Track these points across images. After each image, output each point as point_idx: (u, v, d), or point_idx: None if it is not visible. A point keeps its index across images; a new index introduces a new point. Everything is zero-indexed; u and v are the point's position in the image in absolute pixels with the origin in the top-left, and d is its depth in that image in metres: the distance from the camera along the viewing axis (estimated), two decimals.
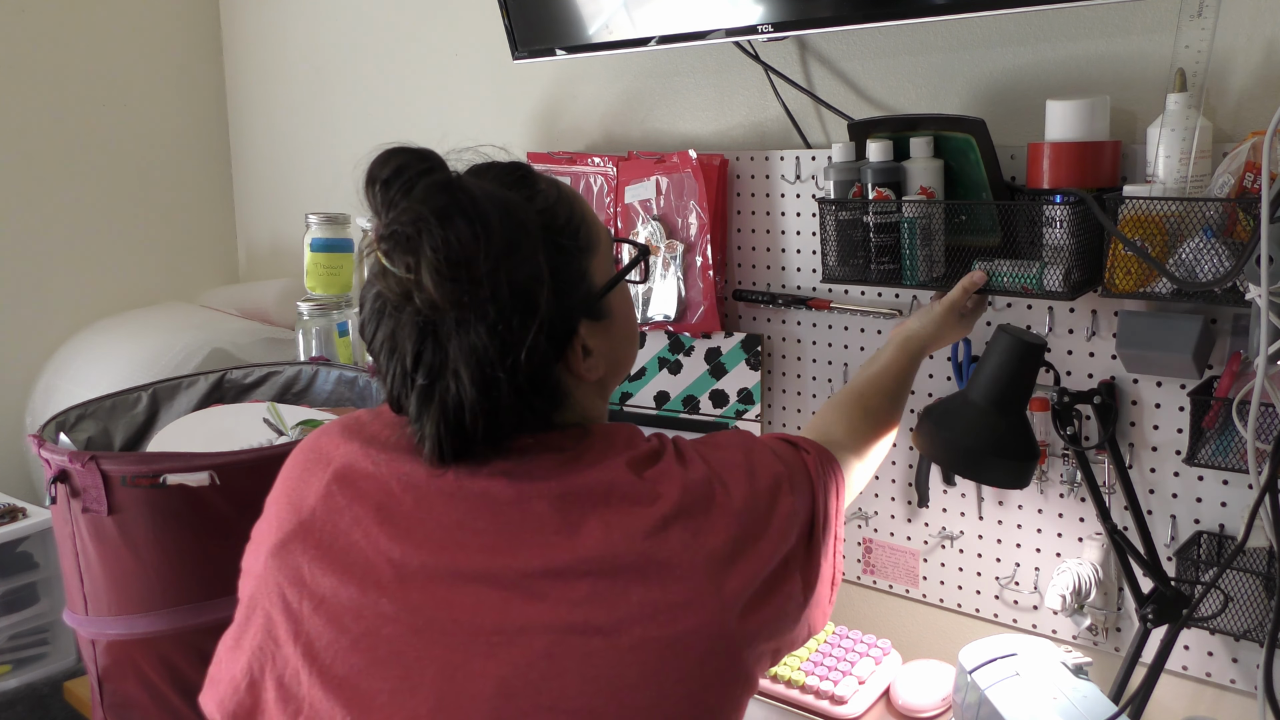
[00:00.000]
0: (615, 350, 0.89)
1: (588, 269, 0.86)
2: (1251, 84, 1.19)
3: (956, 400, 1.19)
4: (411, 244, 0.74)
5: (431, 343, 0.78)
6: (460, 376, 0.78)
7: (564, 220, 0.84)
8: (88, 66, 2.39)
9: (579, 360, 0.84)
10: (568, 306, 0.82)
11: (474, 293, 0.75)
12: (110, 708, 1.39)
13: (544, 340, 0.80)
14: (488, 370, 0.78)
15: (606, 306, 0.87)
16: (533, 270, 0.79)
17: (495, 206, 0.77)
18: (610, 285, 0.88)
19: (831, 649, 1.49)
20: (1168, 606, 1.22)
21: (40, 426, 1.48)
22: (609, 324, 0.87)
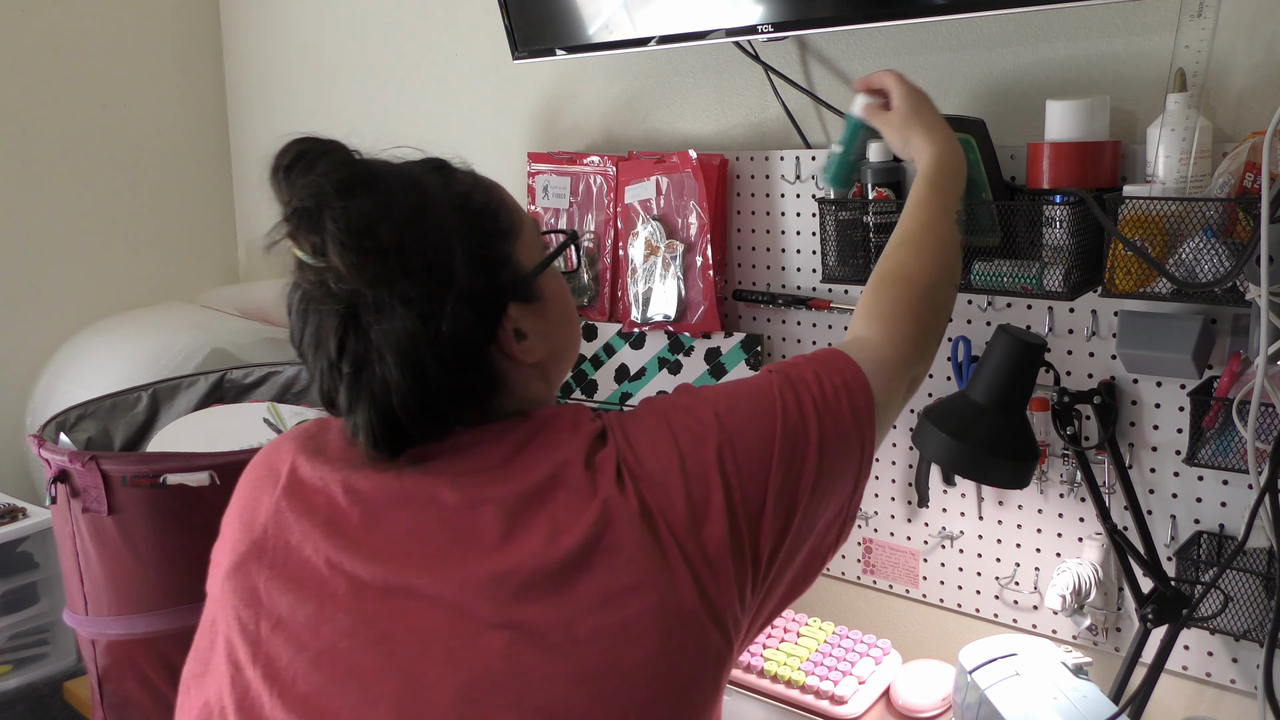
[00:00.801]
0: (553, 333, 0.88)
1: (512, 252, 0.85)
2: (1251, 84, 1.19)
3: (956, 400, 1.19)
4: (314, 219, 0.75)
5: (354, 330, 0.78)
6: (385, 360, 0.78)
7: (481, 204, 0.85)
8: (88, 66, 2.39)
9: (512, 343, 0.84)
10: (493, 286, 0.82)
11: (383, 264, 0.75)
12: (110, 708, 1.39)
13: (468, 315, 0.79)
14: (412, 350, 0.77)
15: (538, 289, 0.87)
16: (442, 239, 0.79)
17: (397, 177, 0.78)
18: (540, 267, 0.88)
19: (831, 649, 1.49)
20: (1168, 606, 1.22)
21: (40, 426, 1.48)
22: (542, 306, 0.87)
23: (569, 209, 1.80)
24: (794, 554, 0.86)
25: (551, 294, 0.89)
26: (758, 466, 0.82)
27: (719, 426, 0.82)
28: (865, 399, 0.89)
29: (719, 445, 0.81)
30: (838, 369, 0.90)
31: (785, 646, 1.51)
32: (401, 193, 0.78)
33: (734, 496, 0.80)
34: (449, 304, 0.78)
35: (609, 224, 1.74)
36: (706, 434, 0.82)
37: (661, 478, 0.79)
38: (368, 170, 0.78)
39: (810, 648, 1.50)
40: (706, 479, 0.80)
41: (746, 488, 0.81)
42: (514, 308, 0.84)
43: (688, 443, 0.81)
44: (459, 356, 0.79)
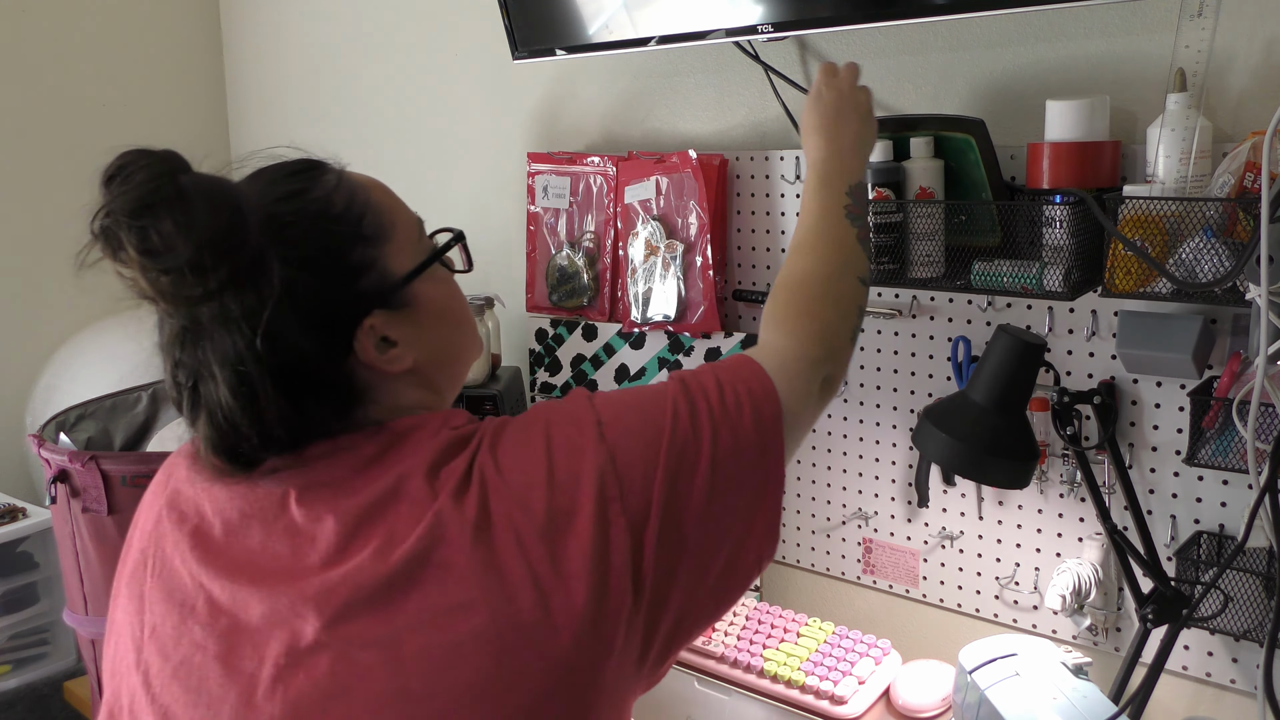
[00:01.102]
0: (430, 340, 0.85)
1: (377, 257, 0.82)
2: (1251, 84, 1.19)
3: (956, 400, 1.20)
4: (114, 241, 0.75)
5: (190, 344, 0.78)
6: (215, 379, 0.76)
7: (341, 208, 0.82)
8: (88, 66, 2.39)
9: (372, 352, 0.80)
10: (345, 296, 0.79)
11: (185, 285, 0.73)
12: None
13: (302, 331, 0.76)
14: (239, 371, 0.75)
15: (409, 295, 0.83)
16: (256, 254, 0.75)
17: (204, 195, 0.74)
18: (413, 274, 0.84)
19: (831, 649, 1.49)
20: (1168, 606, 1.22)
21: (40, 426, 1.48)
22: (413, 313, 0.84)
23: (569, 209, 1.80)
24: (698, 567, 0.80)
25: (429, 298, 0.85)
26: (640, 477, 0.78)
27: (599, 437, 0.79)
28: (771, 407, 0.86)
29: (597, 457, 0.77)
30: (743, 376, 0.87)
31: (785, 646, 1.51)
32: (207, 209, 0.73)
33: (610, 508, 0.76)
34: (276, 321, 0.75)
35: (609, 224, 1.74)
36: (585, 445, 0.78)
37: (521, 487, 0.76)
38: (173, 188, 0.73)
39: (810, 648, 1.50)
40: (576, 490, 0.76)
41: (628, 498, 0.77)
42: (378, 315, 0.81)
43: (563, 453, 0.78)
44: (295, 375, 0.77)
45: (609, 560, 0.75)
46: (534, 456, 0.78)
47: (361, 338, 0.80)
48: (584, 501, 0.75)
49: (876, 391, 1.54)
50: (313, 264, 0.78)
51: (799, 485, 1.65)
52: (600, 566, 0.74)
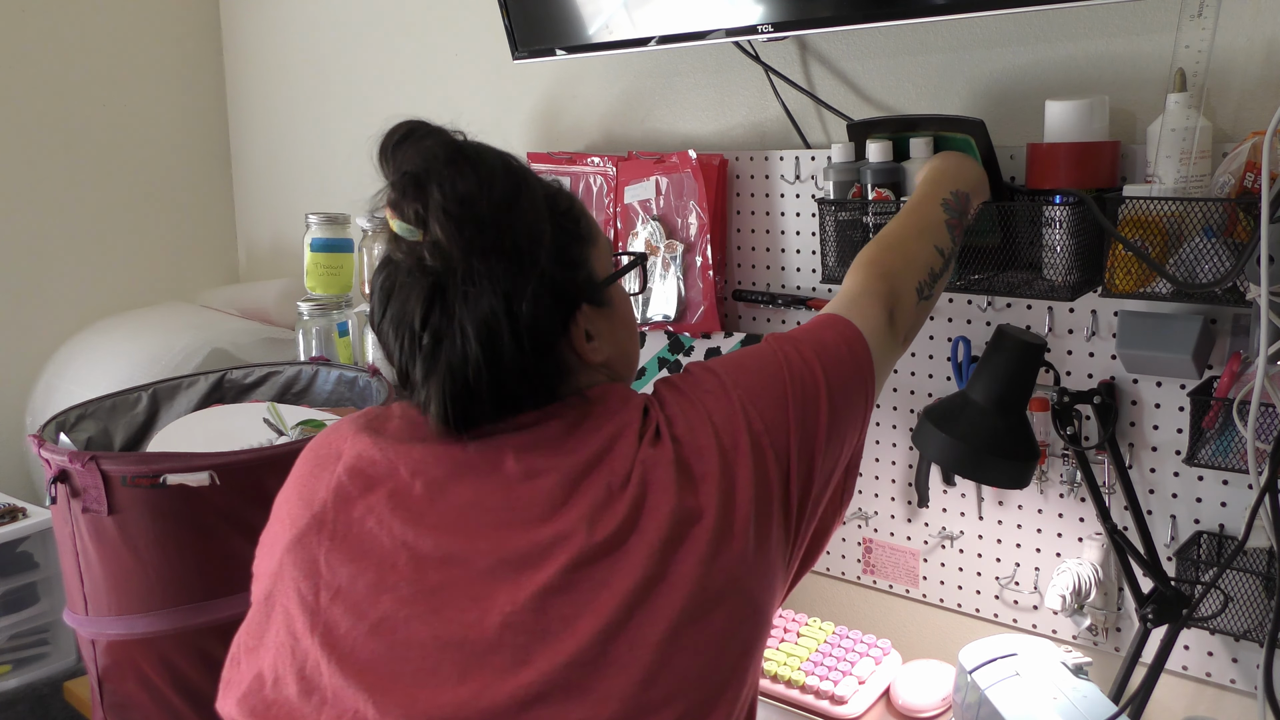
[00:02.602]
0: (619, 339, 0.93)
1: (588, 256, 0.90)
2: (1251, 84, 1.19)
3: (956, 400, 1.19)
4: (420, 186, 0.79)
5: (439, 304, 0.82)
6: (466, 333, 0.81)
7: (565, 206, 0.89)
8: (88, 66, 2.39)
9: (582, 340, 0.88)
10: (571, 282, 0.87)
11: (479, 237, 0.80)
12: (110, 708, 1.39)
13: (548, 303, 0.84)
14: (493, 327, 0.81)
15: (608, 296, 0.92)
16: (535, 223, 0.84)
17: (500, 161, 0.83)
18: (612, 278, 0.92)
19: (831, 649, 1.49)
20: (1168, 606, 1.22)
21: (40, 426, 1.48)
22: (610, 313, 0.92)
23: None
24: (819, 501, 0.91)
25: (619, 304, 0.94)
26: (777, 415, 0.88)
27: (733, 384, 0.89)
28: (858, 340, 0.97)
29: (740, 400, 0.87)
30: (825, 324, 0.99)
31: (785, 646, 1.51)
32: (503, 174, 0.83)
33: (761, 442, 0.86)
34: (531, 288, 0.82)
35: (609, 224, 1.74)
36: (725, 393, 0.88)
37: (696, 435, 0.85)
38: (474, 149, 0.82)
39: (810, 648, 1.50)
40: (734, 429, 0.86)
41: (773, 434, 0.87)
42: (586, 308, 0.88)
43: (712, 403, 0.87)
44: (535, 340, 0.83)
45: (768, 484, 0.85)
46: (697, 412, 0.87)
47: (576, 324, 0.88)
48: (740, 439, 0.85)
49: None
50: (558, 249, 0.86)
51: None
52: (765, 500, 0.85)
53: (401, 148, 0.83)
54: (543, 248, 0.84)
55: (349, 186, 2.32)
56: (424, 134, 0.83)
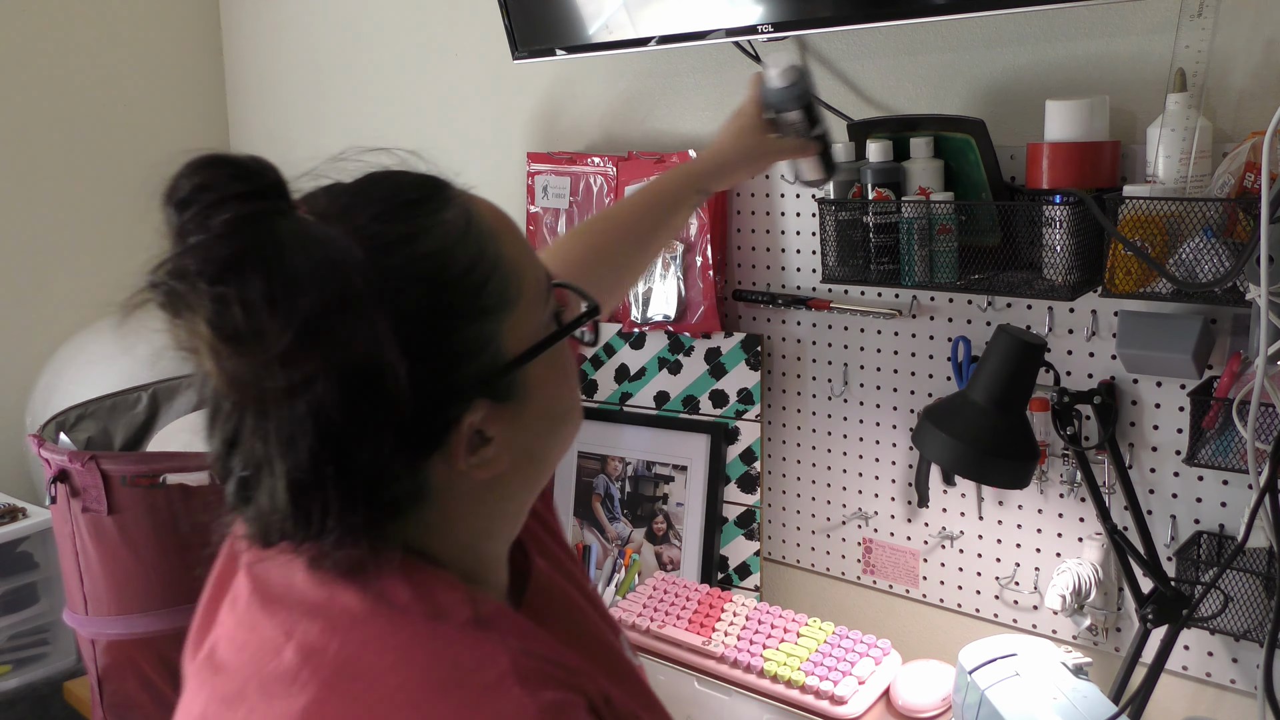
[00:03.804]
0: (527, 441, 0.66)
1: (494, 333, 0.63)
2: (1251, 84, 1.19)
3: (956, 400, 1.20)
4: (179, 304, 0.56)
5: (251, 425, 0.59)
6: (275, 478, 0.59)
7: (462, 269, 0.62)
8: (88, 66, 2.39)
9: (462, 452, 0.62)
10: (451, 384, 0.61)
11: (268, 380, 0.55)
12: (110, 707, 1.39)
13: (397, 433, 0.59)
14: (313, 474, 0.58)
15: (519, 382, 0.65)
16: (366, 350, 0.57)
17: (312, 260, 0.56)
18: (525, 357, 0.65)
19: (831, 649, 1.49)
20: (1168, 606, 1.22)
21: (40, 426, 1.48)
22: (520, 406, 0.65)
23: (569, 209, 1.80)
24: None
25: (538, 389, 0.66)
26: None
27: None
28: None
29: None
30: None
31: (785, 646, 1.51)
32: (313, 279, 0.55)
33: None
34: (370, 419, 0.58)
35: None
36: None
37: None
38: (272, 241, 0.55)
39: (810, 648, 1.50)
40: None
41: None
42: (482, 406, 0.62)
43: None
44: (373, 484, 0.60)
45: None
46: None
47: (456, 437, 0.62)
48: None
49: (876, 391, 1.54)
50: (415, 343, 0.59)
51: (799, 485, 1.65)
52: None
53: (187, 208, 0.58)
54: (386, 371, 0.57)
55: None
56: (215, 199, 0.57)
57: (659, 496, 1.74)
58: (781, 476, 1.67)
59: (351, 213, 0.62)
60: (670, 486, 1.73)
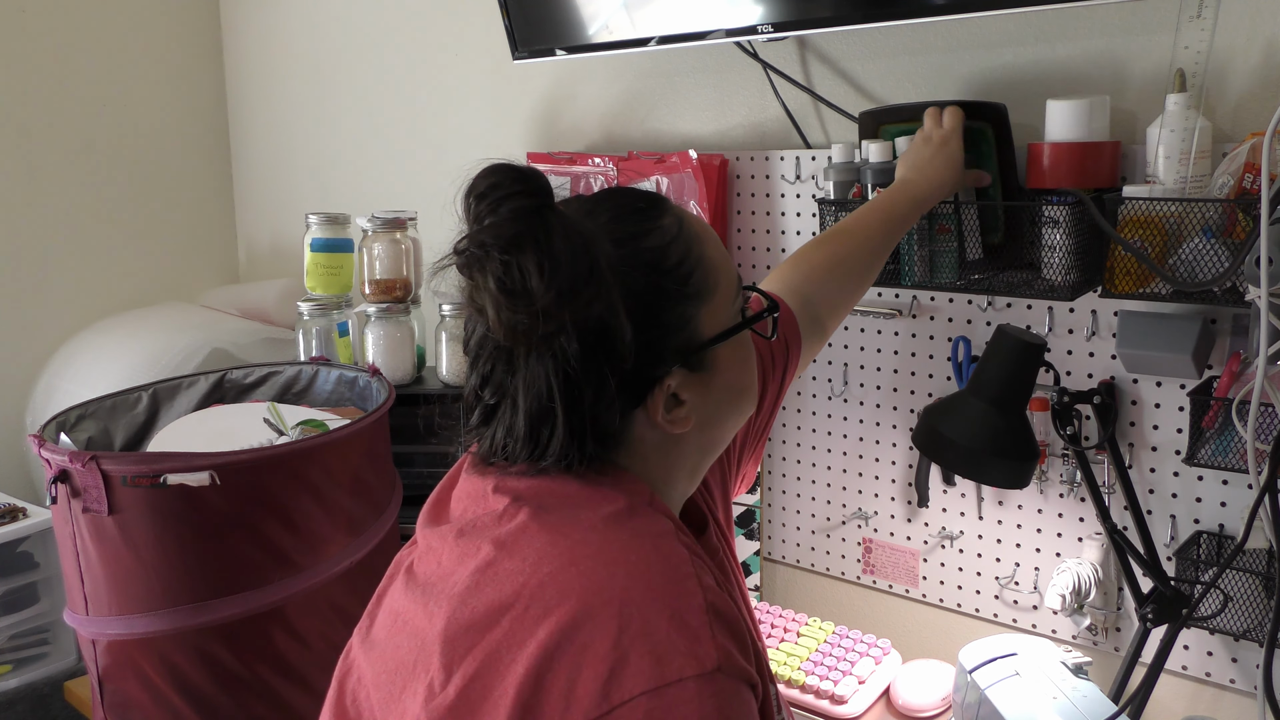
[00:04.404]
0: (711, 409, 0.83)
1: (694, 315, 0.80)
2: (1251, 84, 1.19)
3: (956, 400, 1.20)
4: (476, 266, 0.74)
5: (504, 365, 0.78)
6: (518, 408, 0.77)
7: (675, 261, 0.80)
8: (88, 66, 2.39)
9: (659, 409, 0.79)
10: (659, 351, 0.78)
11: (533, 328, 0.73)
12: (110, 708, 1.39)
13: (617, 383, 0.76)
14: (545, 407, 0.76)
15: (710, 359, 0.82)
16: (603, 313, 0.75)
17: (569, 241, 0.74)
18: (716, 339, 0.82)
19: (831, 649, 1.49)
20: (1167, 606, 1.22)
21: (40, 426, 1.48)
22: (709, 377, 0.82)
23: None
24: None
25: (724, 368, 0.83)
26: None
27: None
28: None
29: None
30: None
31: (785, 646, 1.51)
32: (569, 254, 0.73)
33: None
34: (598, 370, 0.75)
35: None
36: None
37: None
38: (544, 227, 0.74)
39: (810, 648, 1.50)
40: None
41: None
42: (677, 373, 0.79)
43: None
44: (592, 422, 0.77)
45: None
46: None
47: (657, 395, 0.79)
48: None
49: (876, 391, 1.54)
50: (634, 315, 0.77)
51: (799, 485, 1.65)
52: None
53: (483, 201, 0.75)
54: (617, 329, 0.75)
55: (349, 186, 2.32)
56: (504, 195, 0.75)
57: None
58: (781, 476, 1.67)
59: (596, 214, 0.80)
60: None
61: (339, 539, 1.41)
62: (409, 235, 1.81)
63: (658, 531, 0.76)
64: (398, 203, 2.18)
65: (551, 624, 0.69)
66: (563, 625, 0.69)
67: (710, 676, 0.67)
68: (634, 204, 0.82)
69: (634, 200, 0.82)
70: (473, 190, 0.76)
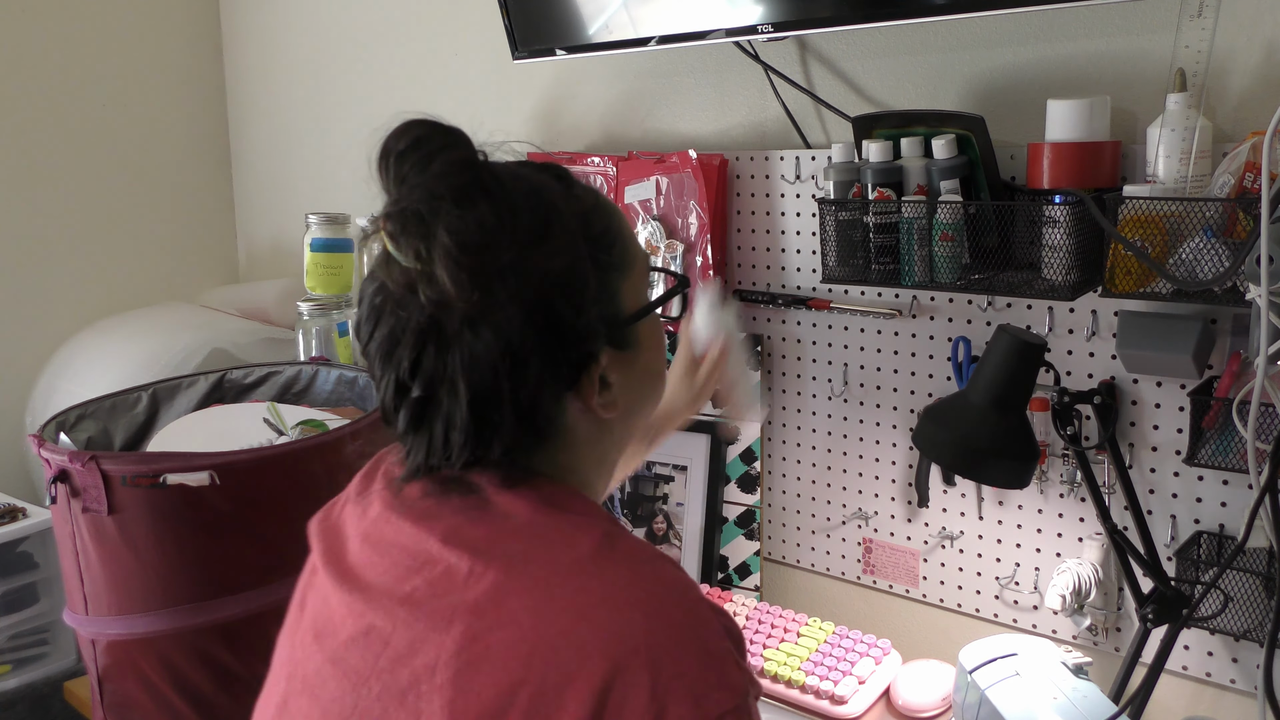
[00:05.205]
0: (635, 390, 0.78)
1: (618, 289, 0.76)
2: (1251, 84, 1.19)
3: (956, 400, 1.20)
4: (423, 226, 0.66)
5: (434, 348, 0.69)
6: (458, 391, 0.69)
7: (599, 229, 0.75)
8: (88, 66, 2.39)
9: (593, 392, 0.74)
10: (592, 325, 0.73)
11: (492, 288, 0.66)
12: (110, 708, 1.39)
13: (561, 355, 0.71)
14: (492, 386, 0.68)
15: (634, 336, 0.77)
16: (565, 267, 0.70)
17: (524, 189, 0.69)
18: (643, 312, 0.77)
19: (831, 649, 1.49)
20: (1168, 606, 1.22)
21: (40, 426, 1.48)
22: (633, 356, 0.77)
23: None
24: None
25: (646, 345, 0.79)
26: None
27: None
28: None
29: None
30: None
31: (785, 646, 1.51)
32: (527, 206, 0.68)
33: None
34: (543, 343, 0.69)
35: None
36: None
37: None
38: (491, 175, 0.68)
39: (810, 648, 1.50)
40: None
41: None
42: (606, 353, 0.74)
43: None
44: (535, 402, 0.71)
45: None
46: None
47: (592, 375, 0.73)
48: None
49: (876, 391, 1.54)
50: (566, 282, 0.71)
51: (799, 485, 1.65)
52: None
53: (406, 159, 0.68)
54: (572, 296, 0.70)
55: (349, 186, 2.32)
56: (434, 148, 0.68)
57: (659, 496, 1.74)
58: (781, 476, 1.67)
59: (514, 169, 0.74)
60: (670, 486, 1.73)
61: None
62: None
63: (647, 555, 0.70)
64: None
65: (582, 690, 0.62)
66: (595, 689, 0.62)
67: (744, 704, 0.65)
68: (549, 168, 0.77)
69: (545, 167, 0.77)
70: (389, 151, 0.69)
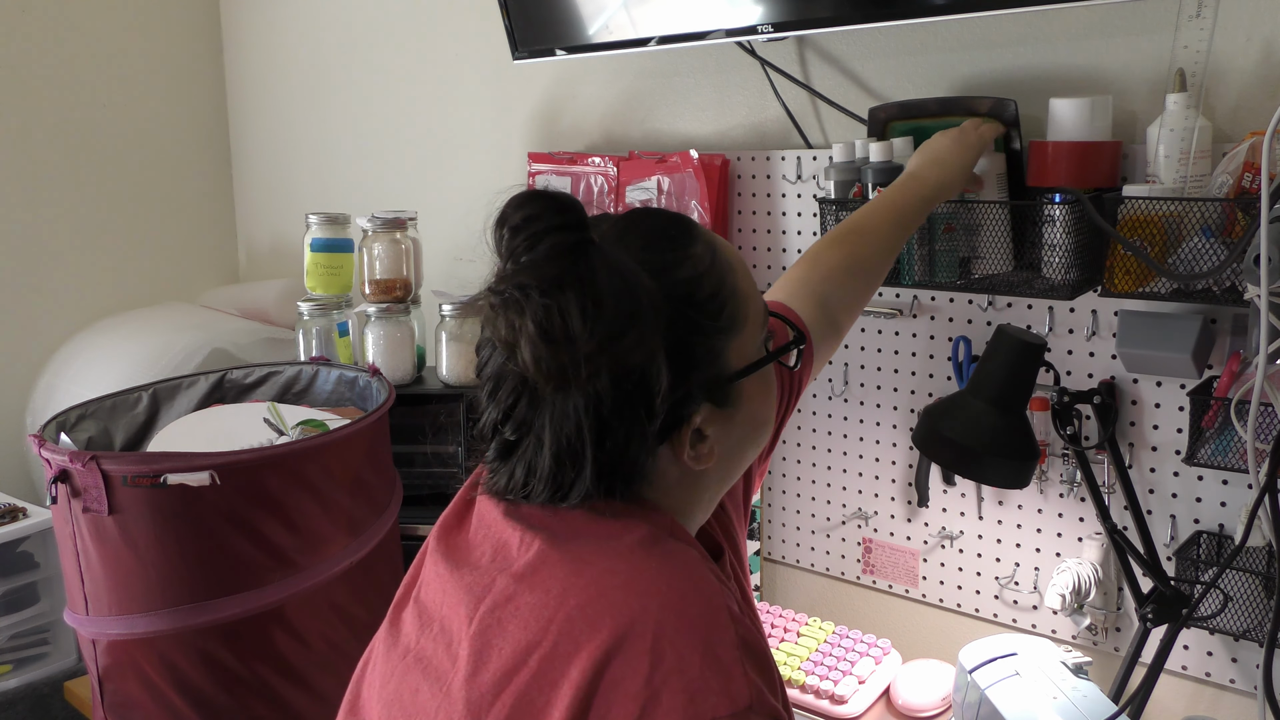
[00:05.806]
0: (732, 445, 0.80)
1: (723, 350, 0.77)
2: (1251, 84, 1.19)
3: (956, 400, 1.20)
4: (514, 309, 0.69)
5: (527, 400, 0.73)
6: (542, 446, 0.73)
7: (708, 293, 0.76)
8: (88, 66, 2.39)
9: (685, 446, 0.76)
10: (689, 388, 0.75)
11: (572, 373, 0.69)
12: (111, 708, 1.39)
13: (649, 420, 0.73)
14: (573, 447, 0.72)
15: (736, 393, 0.78)
16: (644, 357, 0.72)
17: (615, 283, 0.70)
18: (748, 370, 0.79)
19: (831, 649, 1.49)
20: (1167, 606, 1.22)
21: (41, 426, 1.48)
22: (733, 413, 0.78)
23: None
24: None
25: (748, 402, 0.80)
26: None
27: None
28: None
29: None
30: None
31: (785, 646, 1.51)
32: (613, 302, 0.70)
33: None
34: (631, 410, 0.72)
35: None
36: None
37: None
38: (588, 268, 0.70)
39: (810, 647, 1.50)
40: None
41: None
42: (704, 409, 0.76)
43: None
44: (620, 459, 0.74)
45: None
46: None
47: (684, 432, 0.76)
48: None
49: (876, 391, 1.54)
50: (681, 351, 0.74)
51: (799, 485, 1.65)
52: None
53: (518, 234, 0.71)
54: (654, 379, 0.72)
55: (349, 186, 2.32)
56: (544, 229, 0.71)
57: None
58: (781, 476, 1.67)
59: (627, 239, 0.75)
60: None
61: (339, 539, 1.41)
62: (409, 235, 1.81)
63: (687, 559, 0.73)
64: (398, 203, 2.18)
65: (584, 662, 0.66)
66: (595, 661, 0.66)
67: (743, 716, 0.65)
68: (666, 230, 0.77)
69: (665, 226, 0.78)
70: (505, 221, 0.72)
